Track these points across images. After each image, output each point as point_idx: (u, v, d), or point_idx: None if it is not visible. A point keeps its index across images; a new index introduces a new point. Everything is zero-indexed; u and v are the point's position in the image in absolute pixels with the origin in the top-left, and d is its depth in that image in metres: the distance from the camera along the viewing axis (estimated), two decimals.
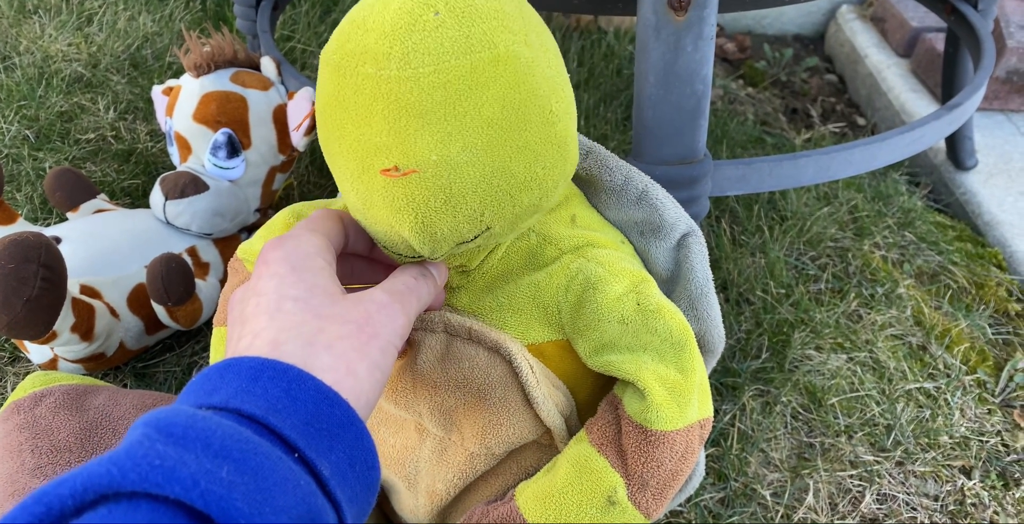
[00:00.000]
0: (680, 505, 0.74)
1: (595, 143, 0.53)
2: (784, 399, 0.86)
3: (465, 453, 0.52)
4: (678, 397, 0.46)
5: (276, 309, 0.36)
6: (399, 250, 0.42)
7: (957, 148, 1.26)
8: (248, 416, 0.31)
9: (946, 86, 1.25)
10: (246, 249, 0.56)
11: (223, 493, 0.26)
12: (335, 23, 1.52)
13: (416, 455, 0.55)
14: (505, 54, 0.38)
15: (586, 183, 0.54)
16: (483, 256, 0.48)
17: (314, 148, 1.15)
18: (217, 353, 0.59)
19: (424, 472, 0.55)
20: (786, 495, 0.77)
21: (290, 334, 0.35)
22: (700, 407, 0.47)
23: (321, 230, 0.41)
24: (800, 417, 0.85)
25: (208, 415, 0.30)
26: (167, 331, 0.86)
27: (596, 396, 0.53)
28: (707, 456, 0.79)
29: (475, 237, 0.42)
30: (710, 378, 0.86)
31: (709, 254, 1.04)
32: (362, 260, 0.48)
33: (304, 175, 1.13)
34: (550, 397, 0.49)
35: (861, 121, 1.56)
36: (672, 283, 0.54)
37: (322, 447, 0.32)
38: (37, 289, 0.68)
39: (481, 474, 0.54)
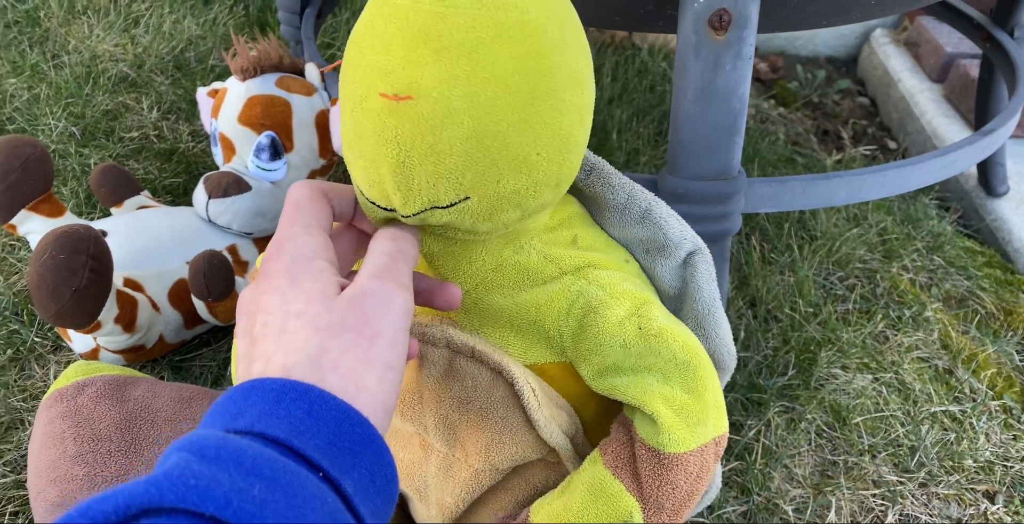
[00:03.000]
0: (703, 517, 0.75)
1: (600, 159, 0.52)
2: (809, 416, 0.86)
3: (470, 469, 0.53)
4: (687, 418, 0.45)
5: (281, 329, 0.36)
6: (373, 196, 0.41)
7: (989, 174, 1.26)
8: (272, 439, 0.32)
9: (979, 112, 1.25)
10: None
11: (255, 511, 0.27)
12: None
13: (423, 470, 0.55)
14: (535, 23, 0.38)
15: (590, 200, 0.53)
16: (462, 259, 0.47)
17: None
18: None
19: (432, 487, 0.55)
20: (808, 511, 0.77)
21: (296, 357, 0.35)
22: (715, 424, 0.47)
23: (314, 222, 0.41)
24: (824, 435, 0.86)
25: (237, 438, 0.31)
26: (205, 326, 0.88)
27: (603, 413, 0.52)
28: (731, 469, 0.80)
29: (451, 204, 0.41)
30: (737, 393, 0.87)
31: (738, 270, 1.04)
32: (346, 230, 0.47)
33: (341, 180, 1.15)
34: (553, 419, 0.49)
35: (892, 145, 1.56)
36: (679, 301, 0.54)
37: (345, 465, 0.33)
38: (85, 280, 0.70)
39: (489, 488, 0.54)
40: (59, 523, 0.26)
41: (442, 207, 0.41)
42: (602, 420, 0.53)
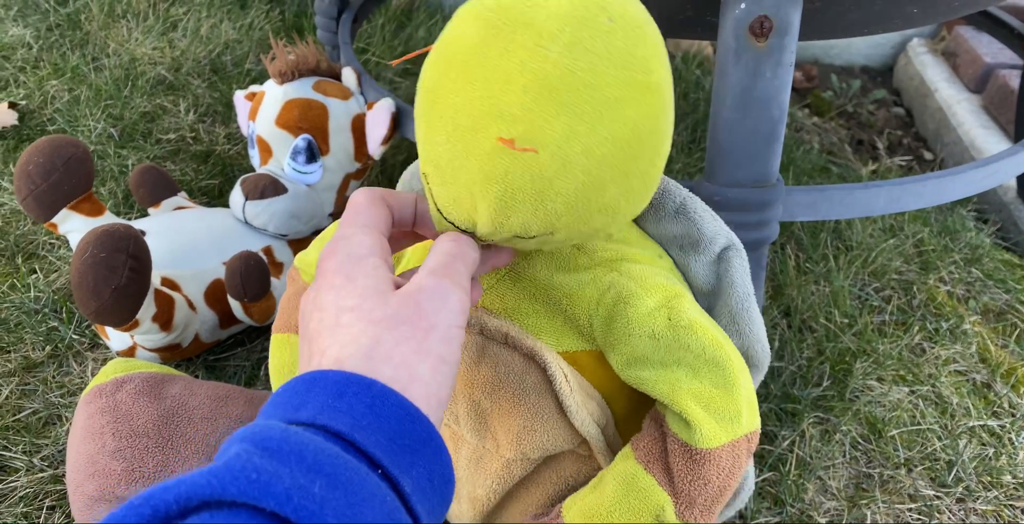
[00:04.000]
0: (733, 521, 0.74)
1: None
2: (844, 428, 0.85)
3: (501, 460, 0.53)
4: (718, 413, 0.45)
5: (335, 324, 0.37)
6: (454, 218, 0.42)
7: None
8: (335, 433, 0.32)
9: (1020, 123, 1.23)
10: (303, 259, 0.58)
11: (315, 509, 0.28)
12: (409, 38, 1.55)
13: (454, 464, 0.55)
14: (656, 84, 0.39)
15: None
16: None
17: (386, 158, 1.18)
18: (275, 359, 0.60)
19: (464, 479, 0.56)
20: None
21: (349, 350, 0.35)
22: (748, 420, 0.47)
23: (371, 223, 0.41)
24: (859, 447, 0.84)
25: (300, 431, 0.31)
26: (239, 326, 0.88)
27: (634, 407, 0.53)
28: (764, 480, 0.79)
29: (535, 236, 0.42)
30: (770, 403, 0.86)
31: (773, 280, 1.03)
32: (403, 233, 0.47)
33: (375, 184, 1.16)
34: (584, 406, 0.49)
35: (928, 155, 1.54)
36: (713, 297, 0.54)
37: (404, 463, 0.33)
38: (125, 278, 0.71)
39: (520, 481, 0.55)
40: (121, 512, 0.26)
41: (525, 237, 0.42)
42: (633, 415, 0.53)
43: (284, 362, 0.59)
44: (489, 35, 0.38)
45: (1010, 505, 0.80)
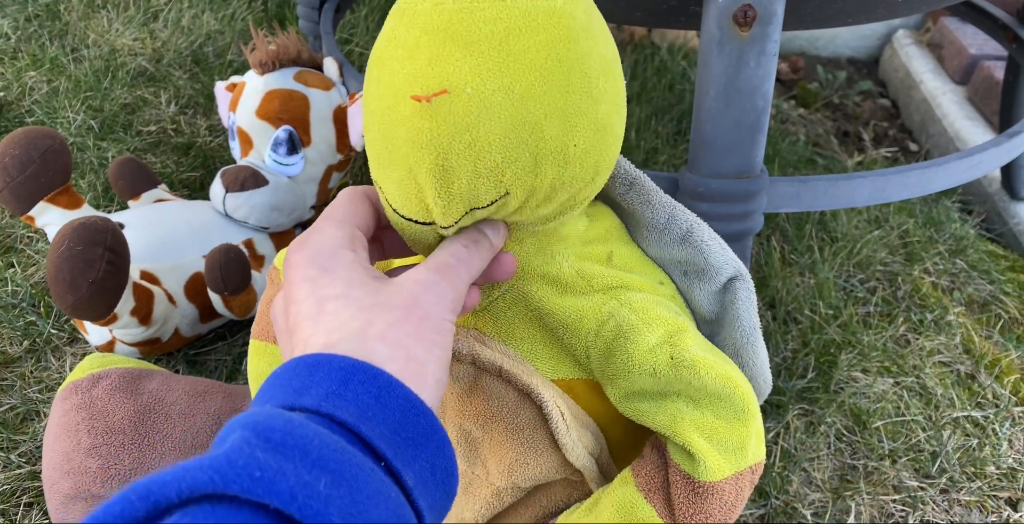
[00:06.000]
0: None
1: (642, 174, 0.50)
2: (828, 420, 0.85)
3: (491, 488, 0.52)
4: (722, 444, 0.44)
5: (318, 312, 0.35)
6: (410, 212, 0.40)
7: (1013, 177, 1.25)
8: (340, 422, 0.31)
9: (1004, 114, 1.23)
10: (282, 259, 0.56)
11: (320, 508, 0.27)
12: None
13: None
14: (562, 10, 0.37)
15: (628, 215, 0.51)
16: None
17: None
18: (253, 368, 0.58)
19: None
20: (827, 516, 0.76)
21: (340, 334, 0.34)
22: (754, 452, 0.45)
23: (346, 218, 0.40)
24: (844, 438, 0.84)
25: (304, 421, 0.30)
26: (220, 320, 0.87)
27: (629, 433, 0.51)
28: None
29: (491, 203, 0.39)
30: None
31: (758, 271, 1.03)
32: (395, 234, 0.46)
33: (359, 175, 1.15)
34: (580, 441, 0.48)
35: (914, 147, 1.54)
36: (716, 326, 0.52)
37: (407, 457, 0.32)
38: (102, 272, 0.70)
39: (510, 505, 0.54)
40: (118, 506, 0.25)
41: (481, 207, 0.39)
42: (629, 440, 0.51)
43: (261, 372, 0.57)
44: (397, 20, 0.38)
45: (993, 495, 0.81)
